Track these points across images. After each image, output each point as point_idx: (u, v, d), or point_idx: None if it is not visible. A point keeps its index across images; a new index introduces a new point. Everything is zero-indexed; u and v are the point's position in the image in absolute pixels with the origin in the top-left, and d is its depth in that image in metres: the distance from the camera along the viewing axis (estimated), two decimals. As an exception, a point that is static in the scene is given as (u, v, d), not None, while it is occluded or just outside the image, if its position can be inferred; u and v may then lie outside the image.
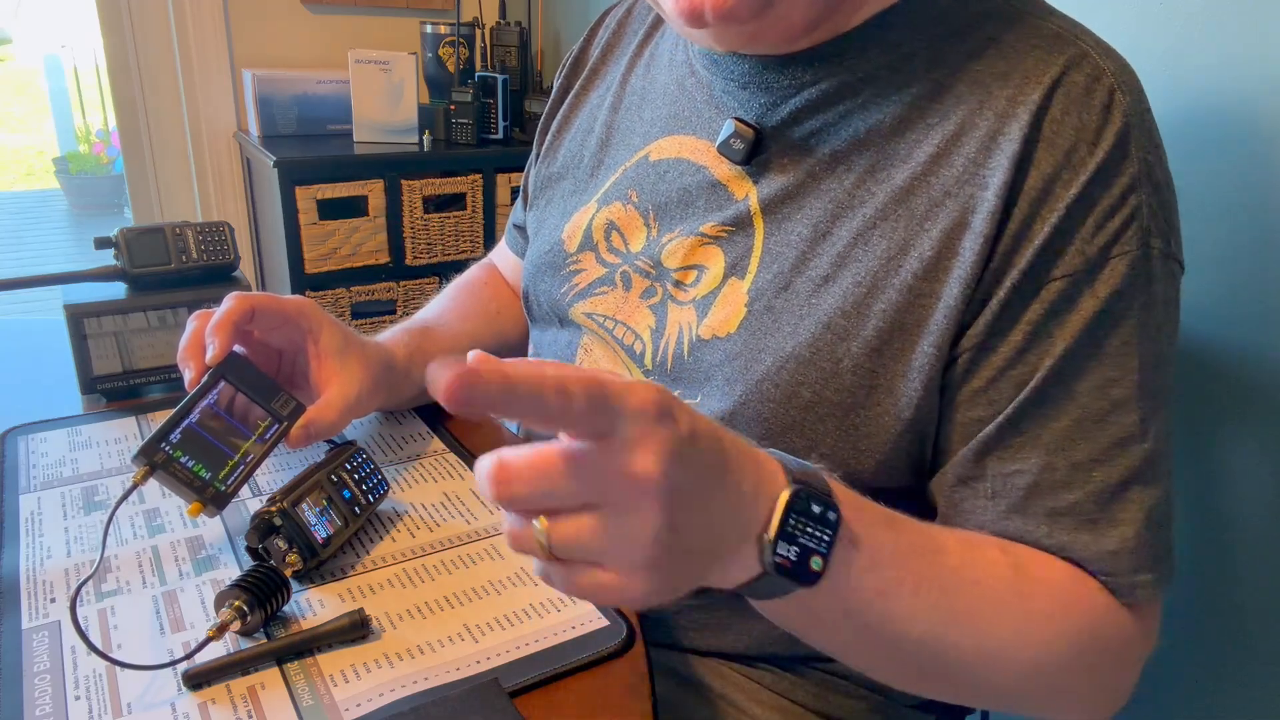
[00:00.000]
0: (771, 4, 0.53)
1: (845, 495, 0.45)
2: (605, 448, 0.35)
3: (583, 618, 0.54)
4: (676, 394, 0.60)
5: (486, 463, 0.35)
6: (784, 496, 0.41)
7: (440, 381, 0.31)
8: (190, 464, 0.55)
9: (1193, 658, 0.84)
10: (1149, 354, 0.51)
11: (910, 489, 0.57)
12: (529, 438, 0.77)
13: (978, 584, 0.48)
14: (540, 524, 0.37)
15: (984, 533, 0.53)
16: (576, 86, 0.78)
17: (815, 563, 0.41)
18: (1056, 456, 0.50)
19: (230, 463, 0.57)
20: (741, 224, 0.59)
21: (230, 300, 0.61)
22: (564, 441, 0.35)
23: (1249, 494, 0.78)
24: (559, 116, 0.78)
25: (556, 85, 0.80)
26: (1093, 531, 0.50)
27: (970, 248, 0.51)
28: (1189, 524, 0.82)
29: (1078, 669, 0.50)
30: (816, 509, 0.42)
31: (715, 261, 0.60)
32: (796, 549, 0.41)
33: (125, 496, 0.54)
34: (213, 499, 0.56)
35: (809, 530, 0.41)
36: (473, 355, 0.34)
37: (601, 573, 0.37)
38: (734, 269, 0.59)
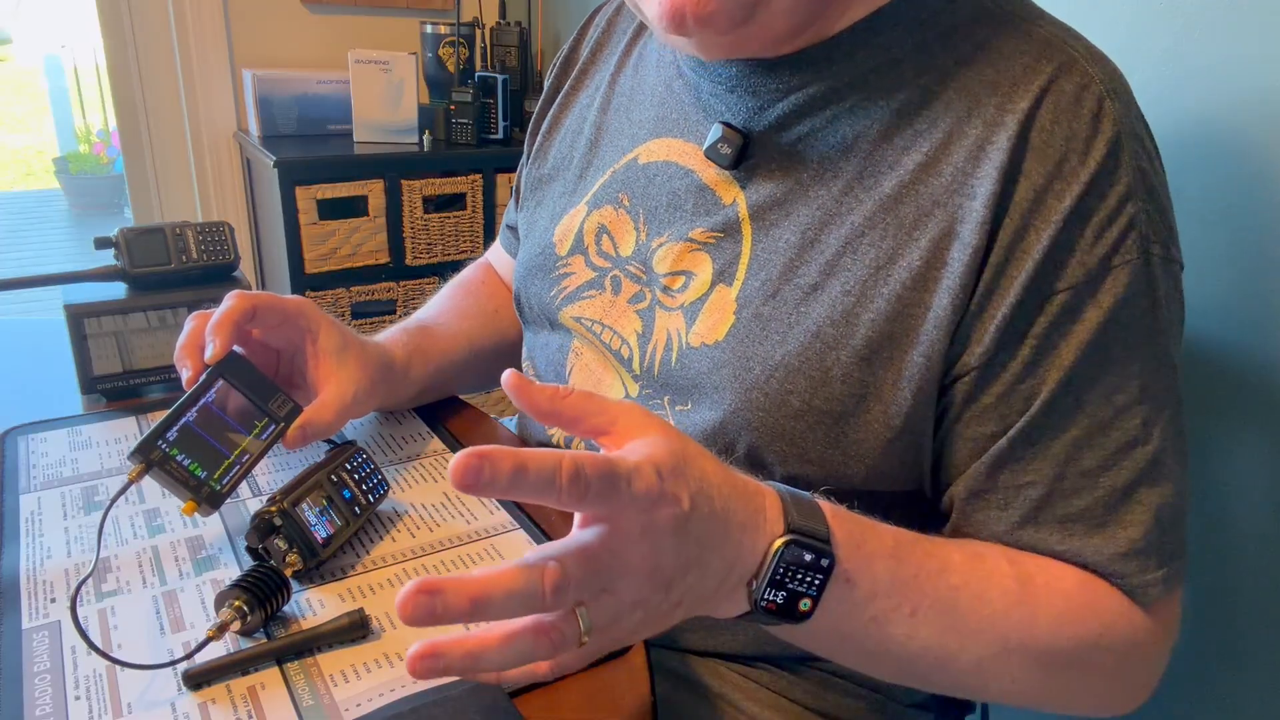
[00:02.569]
0: (753, 15, 0.53)
1: (846, 532, 0.46)
2: (611, 539, 0.38)
3: (582, 618, 0.54)
4: (666, 400, 0.60)
5: (531, 575, 0.36)
6: (775, 546, 0.43)
7: (453, 463, 0.34)
8: (186, 462, 0.55)
9: (1190, 658, 0.84)
10: (1151, 357, 0.51)
11: (905, 493, 0.57)
12: (524, 441, 0.77)
13: (980, 598, 0.49)
14: (582, 613, 0.39)
15: (996, 542, 0.53)
16: (566, 86, 0.77)
17: (804, 604, 0.44)
18: (1066, 466, 0.51)
19: (226, 462, 0.57)
20: (730, 230, 0.59)
21: (231, 299, 0.61)
22: (576, 535, 0.39)
23: (1248, 494, 0.78)
24: (549, 117, 0.78)
25: (547, 85, 0.80)
26: (1102, 535, 0.51)
27: (959, 258, 0.50)
28: (1189, 524, 0.82)
29: (1089, 671, 0.51)
30: (809, 557, 0.44)
31: (703, 268, 0.60)
32: (784, 594, 0.44)
33: (121, 493, 0.54)
34: (208, 498, 0.56)
35: (799, 576, 0.44)
36: (506, 377, 0.39)
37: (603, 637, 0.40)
38: (722, 275, 0.59)
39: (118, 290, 0.77)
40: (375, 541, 0.60)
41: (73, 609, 0.48)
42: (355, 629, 0.50)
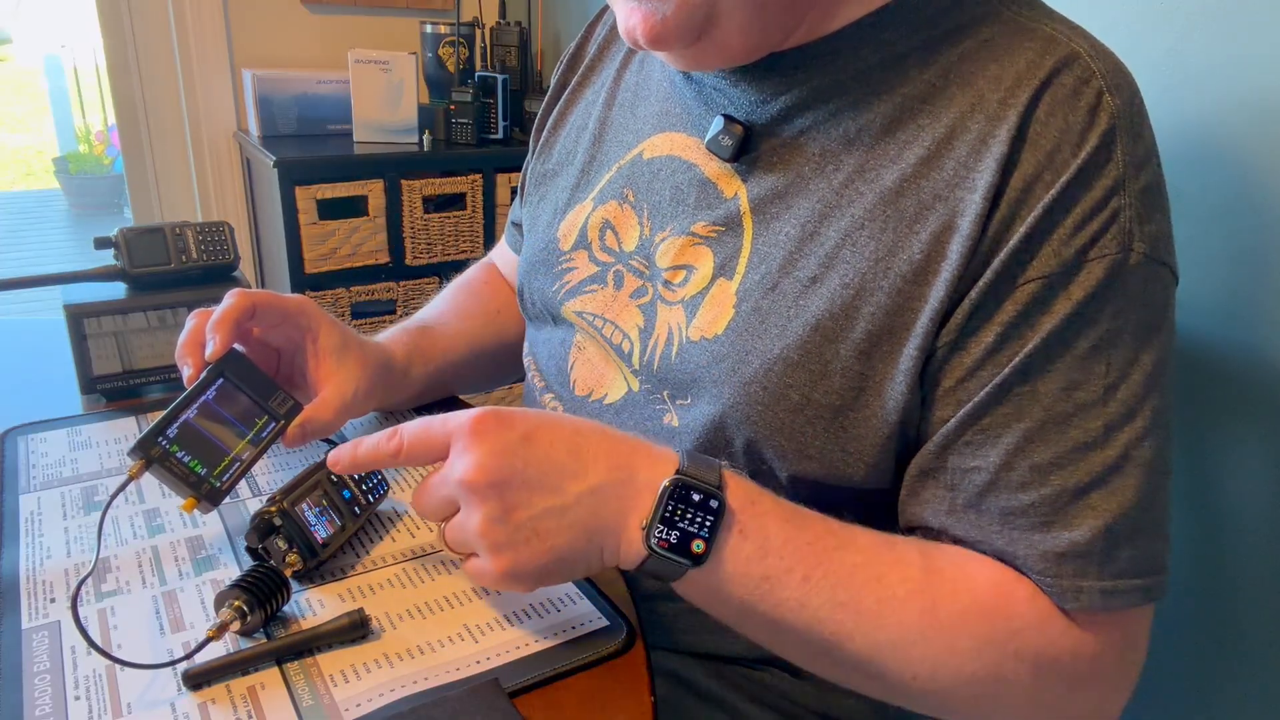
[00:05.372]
0: (707, 30, 0.54)
1: (744, 491, 0.50)
2: (446, 464, 0.48)
3: (583, 618, 0.54)
4: (665, 394, 0.60)
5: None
6: (664, 484, 0.48)
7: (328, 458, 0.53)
8: (186, 460, 0.55)
9: (1188, 658, 0.84)
10: (1121, 360, 0.49)
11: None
12: None
13: (879, 580, 0.50)
14: (436, 528, 0.52)
15: (938, 524, 0.53)
16: (573, 82, 0.77)
17: (697, 545, 0.48)
18: (1016, 457, 0.50)
19: (225, 460, 0.57)
20: (731, 223, 0.59)
21: (231, 297, 0.61)
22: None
23: (1247, 494, 0.78)
24: (555, 112, 0.78)
25: (554, 81, 0.80)
26: (1044, 532, 0.50)
27: (956, 250, 0.50)
28: (1186, 524, 0.82)
29: (1002, 682, 0.49)
30: (697, 497, 0.48)
31: (704, 262, 0.60)
32: (677, 532, 0.48)
33: (121, 489, 0.54)
34: (207, 495, 0.56)
35: (689, 516, 0.48)
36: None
37: (475, 559, 0.50)
38: (722, 269, 0.58)
39: (118, 290, 0.77)
40: (375, 541, 0.60)
41: (73, 607, 0.48)
42: (355, 629, 0.50)
